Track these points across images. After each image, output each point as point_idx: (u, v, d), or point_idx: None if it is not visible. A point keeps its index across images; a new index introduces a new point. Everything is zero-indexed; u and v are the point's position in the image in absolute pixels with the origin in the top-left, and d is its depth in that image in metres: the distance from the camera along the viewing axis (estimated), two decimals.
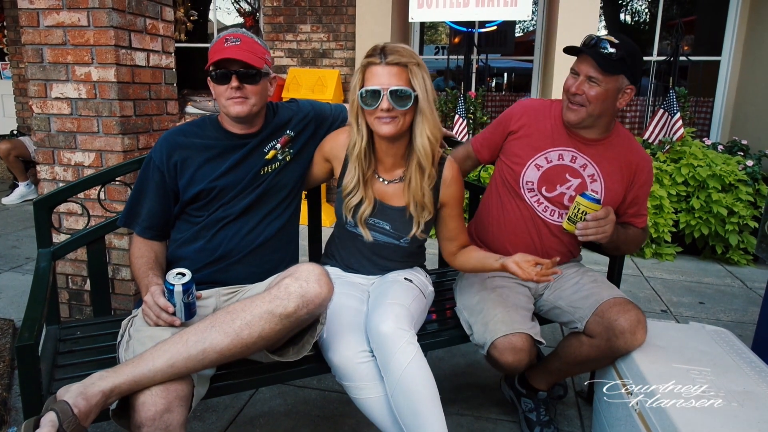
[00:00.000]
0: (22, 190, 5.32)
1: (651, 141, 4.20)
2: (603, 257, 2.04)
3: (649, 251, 4.08)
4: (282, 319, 1.29)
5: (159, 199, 1.62)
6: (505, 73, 7.70)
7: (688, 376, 1.49)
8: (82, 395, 1.14)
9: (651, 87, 5.07)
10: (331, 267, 1.83)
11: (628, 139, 1.84)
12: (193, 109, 5.55)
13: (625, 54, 1.63)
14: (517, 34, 6.25)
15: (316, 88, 4.86)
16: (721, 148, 4.36)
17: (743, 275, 3.81)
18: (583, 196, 1.65)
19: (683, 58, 4.49)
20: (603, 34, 1.70)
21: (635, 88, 1.71)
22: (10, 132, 5.72)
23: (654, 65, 5.02)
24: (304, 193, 1.99)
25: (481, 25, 5.30)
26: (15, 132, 5.70)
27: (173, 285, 1.35)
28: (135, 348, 1.33)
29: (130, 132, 2.39)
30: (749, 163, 3.95)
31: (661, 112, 4.14)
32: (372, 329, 1.50)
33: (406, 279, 1.73)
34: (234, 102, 1.56)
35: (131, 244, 1.65)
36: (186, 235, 1.64)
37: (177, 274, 1.37)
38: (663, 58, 4.77)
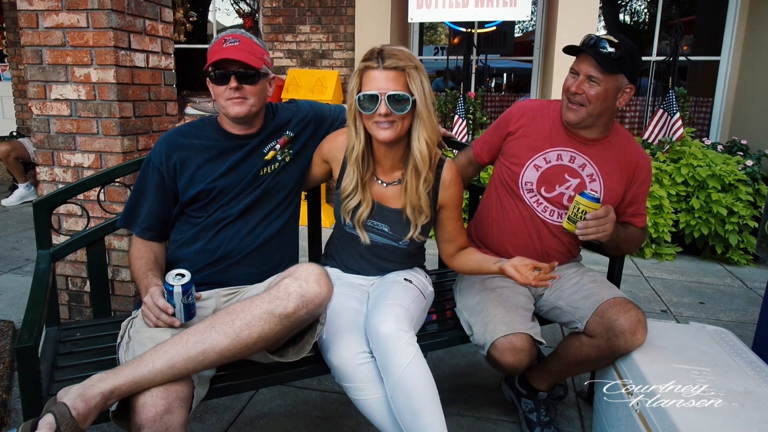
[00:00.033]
0: (22, 191, 5.31)
1: (650, 141, 4.20)
2: (603, 257, 2.04)
3: (649, 251, 4.08)
4: (282, 319, 1.28)
5: (158, 199, 1.62)
6: (505, 74, 7.70)
7: (689, 376, 1.49)
8: (81, 397, 1.13)
9: (650, 87, 5.06)
10: (331, 268, 1.83)
11: (627, 139, 1.84)
12: (192, 110, 5.55)
13: (625, 53, 1.64)
14: (517, 34, 6.25)
15: (316, 88, 4.86)
16: (720, 148, 4.36)
17: (743, 275, 3.81)
18: (583, 195, 1.65)
19: (683, 58, 4.49)
20: (602, 33, 1.70)
21: (634, 87, 1.71)
22: (10, 133, 5.71)
23: (653, 65, 5.02)
24: (304, 193, 1.99)
25: (481, 25, 5.31)
26: (14, 133, 5.69)
27: (173, 286, 1.35)
28: (135, 349, 1.32)
29: (130, 133, 2.39)
30: (749, 163, 3.95)
31: (661, 112, 4.13)
32: (371, 330, 1.50)
33: (405, 280, 1.73)
34: (233, 102, 1.56)
35: (131, 245, 1.65)
36: (185, 236, 1.64)
37: (176, 275, 1.37)
38: (662, 58, 4.77)
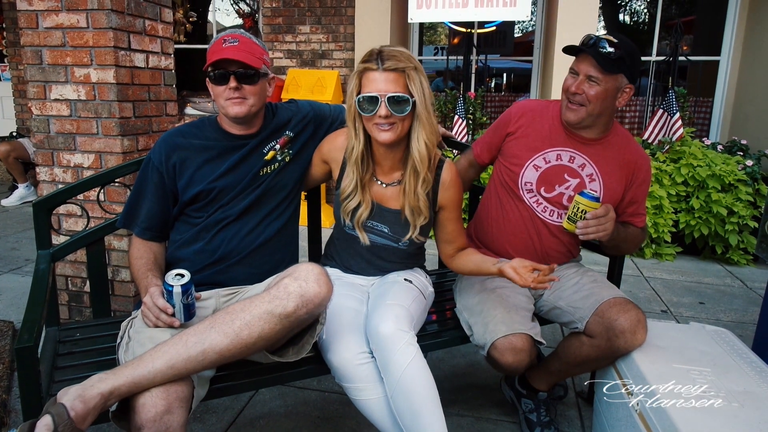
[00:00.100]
0: (22, 191, 5.31)
1: (650, 141, 4.19)
2: (603, 257, 2.04)
3: (649, 251, 4.08)
4: (281, 319, 1.28)
5: (158, 200, 1.62)
6: (505, 74, 7.71)
7: (689, 376, 1.49)
8: (80, 398, 1.13)
9: (650, 87, 5.06)
10: (331, 268, 1.83)
11: (627, 139, 1.84)
12: (192, 110, 5.55)
13: (624, 53, 1.64)
14: (517, 34, 6.26)
15: (316, 89, 4.86)
16: (720, 148, 4.36)
17: (743, 275, 3.81)
18: (582, 194, 1.65)
19: (682, 58, 4.49)
20: (602, 33, 1.70)
21: (634, 87, 1.71)
22: (10, 134, 5.71)
23: (653, 65, 5.02)
24: (304, 193, 1.99)
25: (480, 25, 5.30)
26: (14, 134, 5.69)
27: (172, 286, 1.35)
28: (134, 349, 1.32)
29: (130, 133, 2.39)
30: (749, 162, 3.95)
31: (661, 112, 4.13)
32: (372, 330, 1.50)
33: (405, 280, 1.72)
34: (232, 102, 1.56)
35: (130, 246, 1.65)
36: (185, 237, 1.63)
37: (176, 275, 1.37)
38: (662, 58, 4.76)
